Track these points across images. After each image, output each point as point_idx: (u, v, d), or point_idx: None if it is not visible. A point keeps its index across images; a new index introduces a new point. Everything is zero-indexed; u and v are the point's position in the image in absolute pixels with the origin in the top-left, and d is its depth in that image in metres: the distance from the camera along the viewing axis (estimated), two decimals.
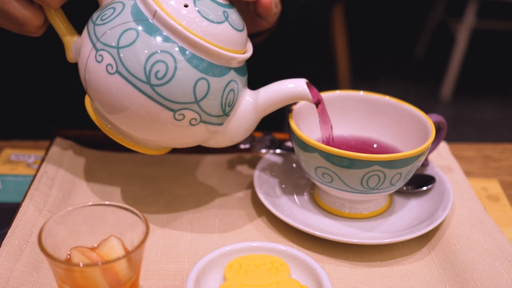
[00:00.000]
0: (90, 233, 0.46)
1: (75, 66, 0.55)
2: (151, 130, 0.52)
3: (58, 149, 0.65)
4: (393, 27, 2.88)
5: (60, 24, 0.54)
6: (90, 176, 0.64)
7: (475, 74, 2.50)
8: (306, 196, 0.63)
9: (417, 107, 0.61)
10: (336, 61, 2.22)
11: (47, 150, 0.65)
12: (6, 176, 0.64)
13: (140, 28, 0.49)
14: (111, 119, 0.53)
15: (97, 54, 0.50)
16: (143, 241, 0.43)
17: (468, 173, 0.68)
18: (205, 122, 0.52)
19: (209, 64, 0.50)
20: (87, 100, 0.57)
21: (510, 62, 2.62)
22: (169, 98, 0.49)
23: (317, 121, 0.58)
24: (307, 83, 0.55)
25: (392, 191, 0.57)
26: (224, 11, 0.52)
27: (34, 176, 0.60)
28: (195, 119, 0.51)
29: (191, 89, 0.49)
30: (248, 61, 0.56)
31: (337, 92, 0.64)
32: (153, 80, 0.48)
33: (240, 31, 0.53)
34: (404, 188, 0.62)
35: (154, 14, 0.49)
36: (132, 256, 0.42)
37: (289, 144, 0.67)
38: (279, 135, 0.70)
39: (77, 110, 0.73)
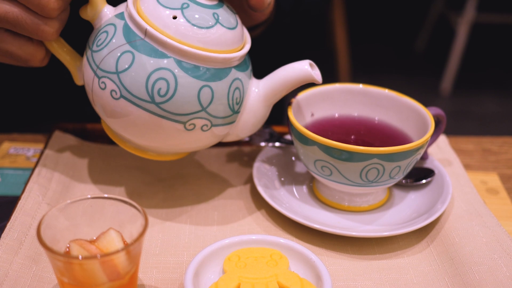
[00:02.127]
0: (89, 226, 0.46)
1: None
2: (166, 142, 0.52)
3: (57, 142, 0.65)
4: (394, 20, 2.87)
5: (62, 53, 0.55)
6: (89, 169, 0.64)
7: (475, 68, 2.50)
8: (305, 189, 0.63)
9: (417, 100, 0.61)
10: (336, 55, 2.21)
11: (46, 143, 0.65)
12: (5, 169, 0.64)
13: (134, 49, 0.49)
14: (125, 135, 0.53)
15: (99, 82, 0.50)
16: (142, 234, 0.43)
17: (467, 166, 0.68)
18: (217, 125, 0.52)
19: (208, 71, 0.50)
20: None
21: (510, 56, 2.61)
22: (176, 112, 0.50)
23: (316, 115, 0.58)
24: (310, 64, 0.54)
25: (391, 184, 0.57)
26: (213, 13, 0.51)
27: (33, 169, 0.60)
28: (206, 125, 0.52)
29: (196, 98, 0.50)
30: (248, 54, 0.55)
31: (337, 85, 0.64)
32: (157, 98, 0.49)
33: (233, 28, 0.53)
34: (403, 181, 0.62)
35: (146, 33, 0.49)
36: (131, 249, 0.42)
37: (288, 137, 0.67)
38: (278, 128, 0.70)
39: (76, 104, 0.73)
